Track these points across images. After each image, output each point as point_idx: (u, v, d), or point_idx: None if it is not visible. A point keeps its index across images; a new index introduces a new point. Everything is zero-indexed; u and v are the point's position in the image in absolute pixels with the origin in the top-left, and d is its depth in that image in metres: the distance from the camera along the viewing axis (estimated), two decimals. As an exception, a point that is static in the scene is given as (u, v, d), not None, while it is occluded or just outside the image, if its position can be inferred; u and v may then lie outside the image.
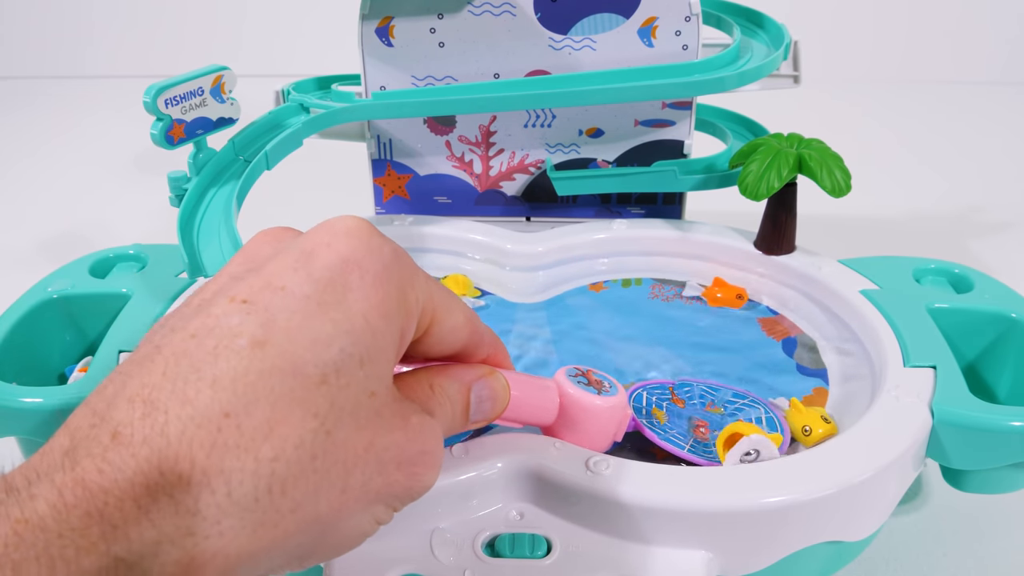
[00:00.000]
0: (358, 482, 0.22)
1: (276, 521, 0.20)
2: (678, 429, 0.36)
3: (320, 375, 0.21)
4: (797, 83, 0.52)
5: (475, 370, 0.28)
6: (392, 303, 0.23)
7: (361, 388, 0.22)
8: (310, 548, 0.22)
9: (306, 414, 0.21)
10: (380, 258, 0.23)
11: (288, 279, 0.22)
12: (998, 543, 0.40)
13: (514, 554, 0.30)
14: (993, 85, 1.13)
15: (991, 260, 0.66)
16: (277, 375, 0.20)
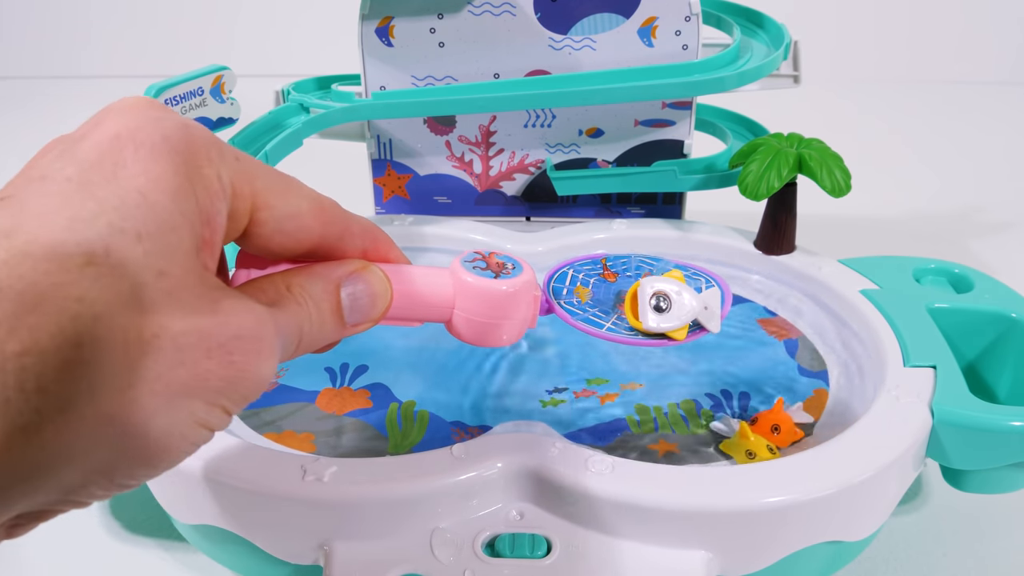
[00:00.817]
0: (152, 373, 0.19)
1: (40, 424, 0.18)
2: (601, 307, 0.31)
3: (84, 254, 0.18)
4: (797, 83, 0.52)
5: (344, 266, 0.25)
6: (179, 177, 0.20)
7: (141, 266, 0.19)
8: (110, 457, 0.19)
9: (66, 299, 0.18)
10: (159, 129, 0.21)
11: (49, 167, 0.20)
12: (998, 543, 0.40)
13: (514, 554, 0.30)
14: (993, 85, 1.13)
15: (991, 260, 0.66)
16: (27, 261, 0.18)
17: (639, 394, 0.39)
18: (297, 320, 0.23)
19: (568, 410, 0.38)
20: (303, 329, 0.23)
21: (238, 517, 0.32)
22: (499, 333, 0.28)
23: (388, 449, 0.36)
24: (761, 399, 0.39)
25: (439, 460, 0.32)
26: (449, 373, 0.41)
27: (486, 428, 0.37)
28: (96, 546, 0.40)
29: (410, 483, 0.31)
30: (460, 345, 0.43)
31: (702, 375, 0.40)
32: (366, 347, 0.43)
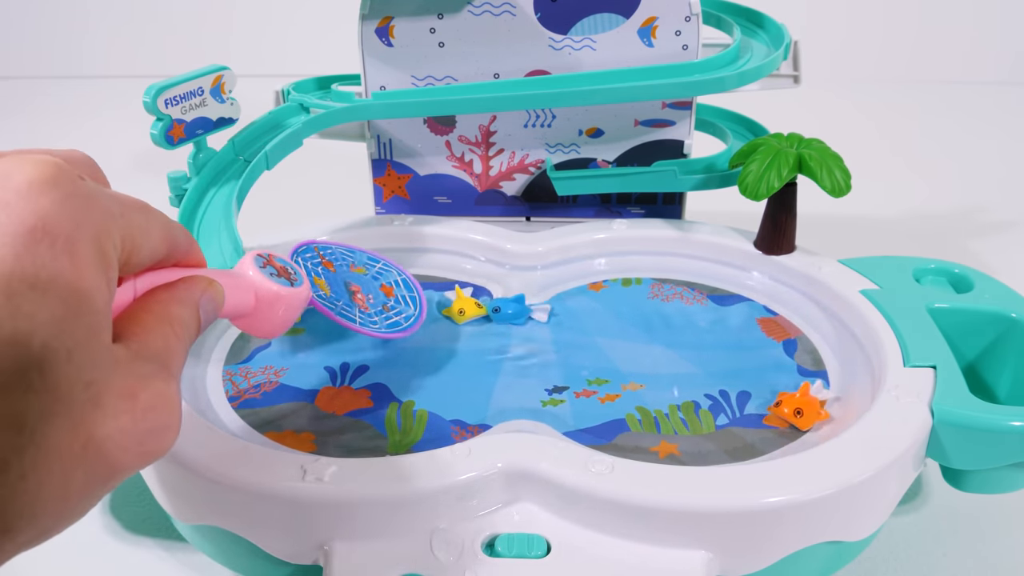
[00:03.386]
0: (80, 482, 0.20)
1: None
2: (344, 300, 0.36)
3: (21, 383, 0.18)
4: (797, 83, 0.52)
5: (198, 285, 0.27)
6: (92, 268, 0.20)
7: (72, 383, 0.19)
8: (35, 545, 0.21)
9: (10, 431, 0.18)
10: (72, 216, 0.20)
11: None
12: (998, 543, 0.40)
13: (514, 554, 0.30)
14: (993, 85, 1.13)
15: (991, 260, 0.66)
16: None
17: (640, 394, 0.39)
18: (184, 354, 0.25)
19: (568, 410, 0.38)
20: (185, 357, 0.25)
21: (238, 517, 0.32)
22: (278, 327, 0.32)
23: (388, 449, 0.36)
24: (761, 399, 0.39)
25: (439, 460, 0.32)
26: (449, 373, 0.41)
27: (486, 428, 0.37)
28: (96, 546, 0.40)
29: (410, 483, 0.31)
30: (460, 345, 0.43)
31: (702, 375, 0.40)
32: (366, 347, 0.43)
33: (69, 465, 0.19)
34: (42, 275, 0.19)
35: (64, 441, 0.19)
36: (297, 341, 0.43)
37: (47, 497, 0.19)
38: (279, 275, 0.31)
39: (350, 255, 0.38)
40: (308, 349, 0.43)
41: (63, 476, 0.19)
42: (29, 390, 0.19)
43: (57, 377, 0.19)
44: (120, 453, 0.21)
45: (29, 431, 0.19)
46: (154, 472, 0.35)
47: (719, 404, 0.38)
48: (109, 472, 0.21)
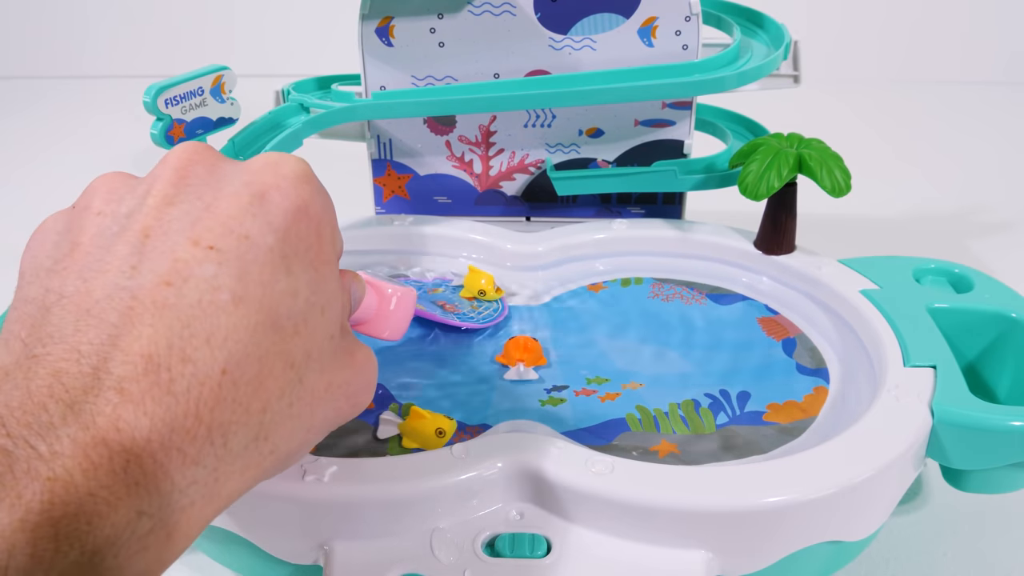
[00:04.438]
0: (320, 419, 0.24)
1: (258, 462, 0.22)
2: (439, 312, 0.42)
3: (293, 327, 0.23)
4: (797, 83, 0.52)
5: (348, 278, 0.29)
6: (333, 249, 0.25)
7: (323, 334, 0.24)
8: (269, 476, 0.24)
9: (286, 366, 0.22)
10: (323, 207, 0.25)
11: (249, 227, 0.23)
12: (998, 543, 0.40)
13: (514, 554, 0.30)
14: (994, 85, 1.13)
15: (991, 260, 0.66)
16: (260, 331, 0.22)
17: (639, 393, 0.39)
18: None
19: (568, 409, 0.38)
20: None
21: (238, 517, 0.32)
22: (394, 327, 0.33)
23: (388, 449, 0.36)
24: (761, 399, 0.39)
25: (439, 460, 0.32)
26: (449, 372, 0.41)
27: (486, 427, 0.37)
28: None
29: (410, 483, 0.31)
30: (460, 345, 0.43)
31: (702, 374, 0.40)
32: (366, 347, 0.43)
33: (317, 402, 0.24)
34: (301, 246, 0.24)
35: (316, 382, 0.24)
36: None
37: (301, 426, 0.24)
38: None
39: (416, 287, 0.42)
40: (308, 349, 0.43)
41: (311, 410, 0.24)
42: (297, 334, 0.23)
43: (315, 327, 0.24)
44: (344, 400, 0.26)
45: (297, 368, 0.23)
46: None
47: (719, 403, 0.38)
48: (336, 415, 0.26)
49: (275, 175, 0.24)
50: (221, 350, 0.21)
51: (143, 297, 0.21)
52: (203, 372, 0.20)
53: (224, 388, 0.21)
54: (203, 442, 0.20)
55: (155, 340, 0.20)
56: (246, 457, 0.22)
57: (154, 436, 0.19)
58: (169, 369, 0.20)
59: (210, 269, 0.21)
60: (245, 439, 0.21)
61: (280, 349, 0.22)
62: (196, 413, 0.20)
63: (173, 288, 0.21)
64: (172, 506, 0.20)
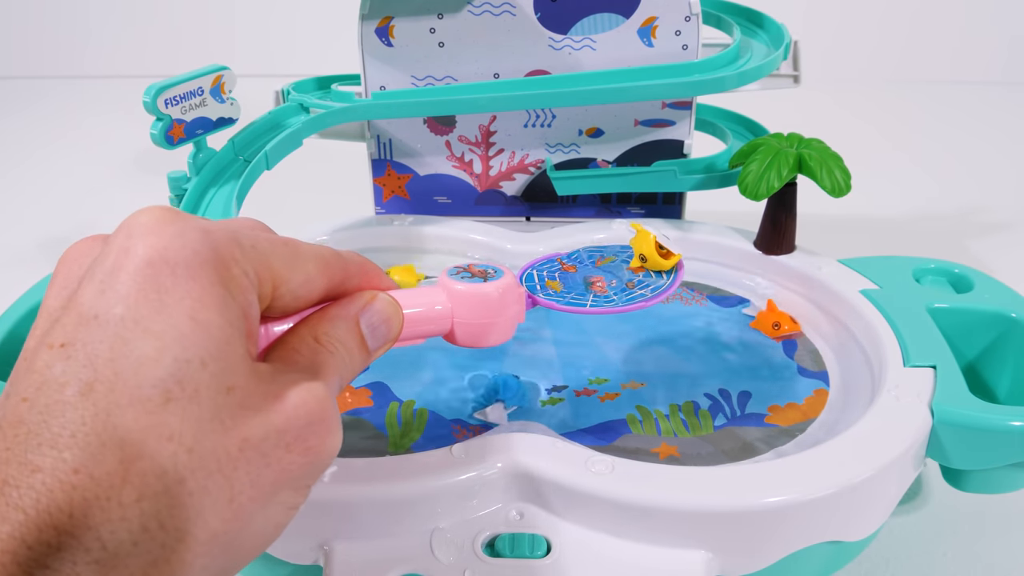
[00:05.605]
0: (246, 484, 0.21)
1: (166, 557, 0.20)
2: (576, 291, 0.35)
3: (162, 394, 0.20)
4: (797, 83, 0.52)
5: (356, 301, 0.27)
6: (217, 288, 0.22)
7: (213, 389, 0.21)
8: (220, 565, 0.21)
9: (159, 440, 0.20)
10: (185, 245, 0.21)
11: (98, 305, 0.21)
12: (998, 543, 0.40)
13: (514, 554, 0.30)
14: (994, 85, 1.13)
15: (991, 260, 0.66)
16: (116, 412, 0.19)
17: (639, 393, 0.39)
18: (336, 369, 0.25)
19: (568, 409, 0.38)
20: (342, 374, 0.25)
21: (238, 517, 0.32)
22: (495, 332, 0.31)
23: (388, 448, 0.36)
24: (761, 400, 0.39)
25: (439, 460, 0.32)
26: (449, 372, 0.41)
27: (486, 427, 0.37)
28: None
29: (410, 483, 0.31)
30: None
31: (702, 375, 0.40)
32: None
33: (228, 467, 0.21)
34: (166, 299, 0.21)
35: (217, 444, 0.21)
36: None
37: (215, 499, 0.20)
38: (474, 276, 0.31)
39: (598, 252, 0.37)
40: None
41: (223, 478, 0.21)
42: (170, 401, 0.20)
43: (196, 384, 0.20)
44: (283, 452, 0.22)
45: (178, 438, 0.20)
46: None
47: (719, 404, 0.38)
48: (278, 473, 0.22)
49: (124, 236, 0.22)
50: (69, 449, 0.19)
51: (3, 423, 0.20)
52: (52, 478, 0.19)
53: (80, 488, 0.19)
54: (72, 551, 0.18)
55: (6, 460, 0.19)
56: (142, 554, 0.19)
57: (7, 557, 0.18)
58: (18, 486, 0.19)
59: (59, 368, 0.20)
60: (129, 535, 0.19)
61: (148, 424, 0.19)
62: (52, 523, 0.18)
63: (27, 402, 0.20)
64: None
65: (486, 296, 0.30)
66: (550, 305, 0.33)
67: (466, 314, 0.30)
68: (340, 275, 0.26)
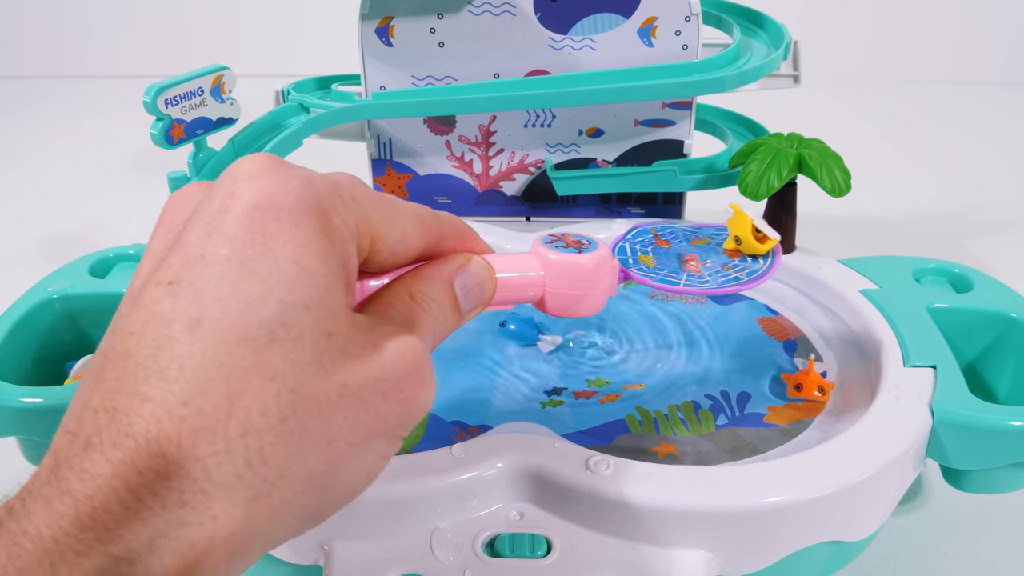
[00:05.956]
0: (343, 428, 0.21)
1: (268, 492, 0.20)
2: (669, 268, 0.34)
3: (267, 334, 0.20)
4: (797, 83, 0.52)
5: (451, 262, 0.27)
6: (319, 236, 0.22)
7: (315, 333, 0.21)
8: (317, 505, 0.22)
9: (263, 379, 0.20)
10: (290, 192, 0.22)
11: (204, 246, 0.21)
12: (999, 543, 0.40)
13: (514, 554, 0.30)
14: (994, 85, 1.13)
15: (991, 260, 0.66)
16: (223, 349, 0.20)
17: (639, 394, 0.39)
18: (430, 327, 0.25)
19: (568, 411, 0.38)
20: (435, 332, 0.26)
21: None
22: (587, 303, 0.30)
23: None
24: (761, 399, 0.39)
25: (439, 460, 0.32)
26: (449, 373, 0.41)
27: (486, 428, 0.37)
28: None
29: (410, 483, 0.31)
30: (460, 345, 0.43)
31: (702, 375, 0.40)
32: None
33: (328, 410, 0.21)
34: (271, 243, 0.21)
35: (318, 387, 0.21)
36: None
37: (313, 440, 0.21)
38: (568, 246, 0.30)
39: (694, 231, 0.36)
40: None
41: (323, 420, 0.21)
42: (274, 341, 0.20)
43: (300, 327, 0.21)
44: (380, 401, 0.22)
45: (281, 377, 0.20)
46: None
47: (719, 404, 0.38)
48: (374, 420, 0.22)
49: (230, 181, 0.22)
50: (178, 382, 0.20)
51: (112, 354, 0.21)
52: (161, 409, 0.19)
53: (187, 420, 0.19)
54: (180, 480, 0.19)
55: (116, 390, 0.20)
56: (244, 488, 0.20)
57: (118, 481, 0.19)
58: (128, 414, 0.19)
59: (166, 304, 0.21)
60: (233, 468, 0.20)
61: (252, 363, 0.20)
62: (161, 452, 0.19)
63: (134, 336, 0.21)
64: (157, 551, 0.19)
65: (580, 267, 0.30)
66: (643, 281, 0.33)
67: (559, 283, 0.30)
68: (436, 235, 0.27)
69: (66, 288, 0.44)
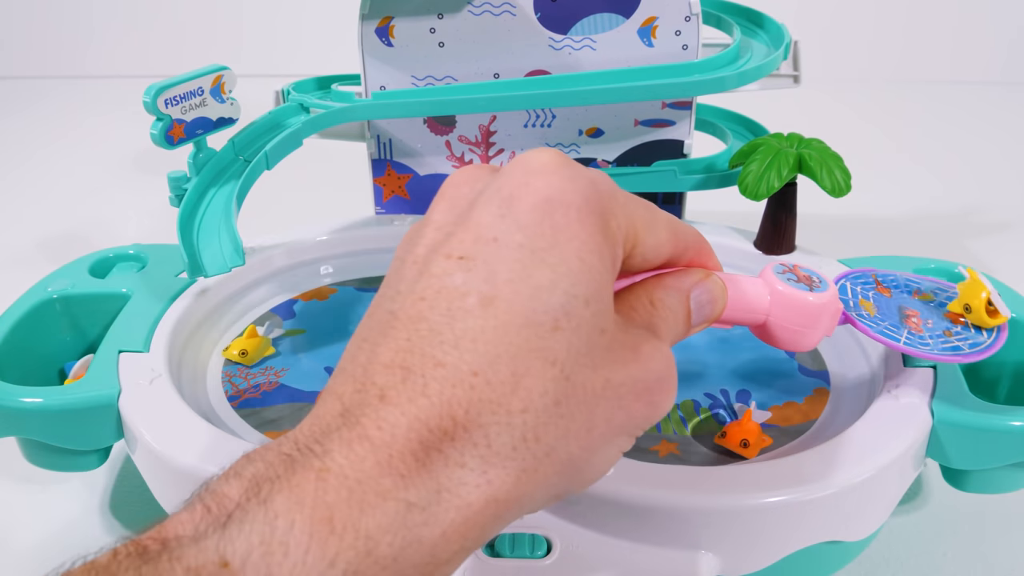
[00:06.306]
0: (602, 419, 0.23)
1: (535, 466, 0.22)
2: (890, 321, 0.34)
3: (552, 321, 0.22)
4: (797, 83, 0.52)
5: (691, 276, 0.28)
6: (599, 236, 0.23)
7: (591, 327, 0.23)
8: (566, 485, 0.23)
9: (545, 362, 0.22)
10: (578, 191, 0.23)
11: (498, 229, 0.23)
12: (999, 543, 0.40)
13: (514, 554, 0.30)
14: (993, 85, 1.13)
15: (991, 260, 0.66)
16: (512, 329, 0.21)
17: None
18: (667, 334, 0.26)
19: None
20: (669, 340, 0.27)
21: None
22: (805, 340, 0.30)
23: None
24: (761, 398, 0.39)
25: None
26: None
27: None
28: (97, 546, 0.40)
29: (410, 483, 0.31)
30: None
31: (702, 374, 0.40)
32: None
33: (592, 400, 0.22)
34: (559, 236, 0.23)
35: (587, 378, 0.22)
36: (297, 342, 0.43)
37: (577, 426, 0.22)
38: (798, 281, 0.30)
39: (915, 283, 0.36)
40: (308, 350, 0.43)
41: (588, 409, 0.22)
42: (557, 329, 0.22)
43: (579, 320, 0.22)
44: (633, 400, 0.23)
45: (560, 364, 0.22)
46: (154, 472, 0.35)
47: (719, 403, 0.38)
48: (626, 417, 0.24)
49: (522, 172, 0.24)
50: (470, 352, 0.21)
51: (402, 316, 0.22)
52: (454, 375, 0.21)
53: (476, 389, 0.21)
54: (463, 443, 0.21)
55: (409, 349, 0.22)
56: (517, 459, 0.21)
57: (412, 435, 0.20)
58: (423, 374, 0.21)
59: (459, 278, 0.22)
60: (510, 439, 0.21)
61: (536, 346, 0.22)
62: (451, 414, 0.21)
63: (426, 302, 0.22)
64: (442, 504, 0.20)
65: (807, 305, 0.30)
66: (864, 330, 0.33)
67: (783, 315, 0.30)
68: (682, 247, 0.27)
69: (66, 288, 0.44)
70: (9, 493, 0.44)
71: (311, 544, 0.19)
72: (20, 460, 0.39)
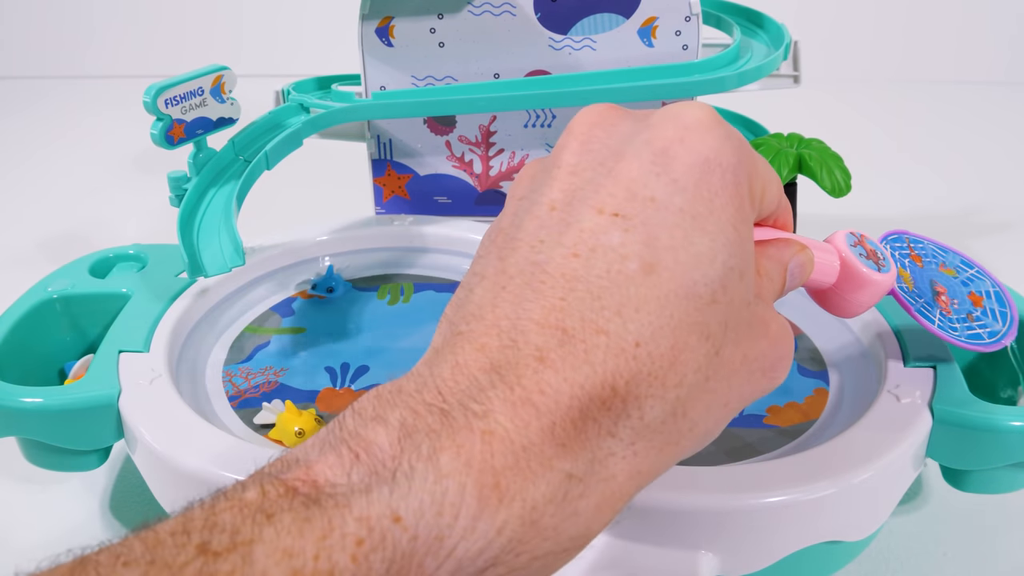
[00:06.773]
0: (736, 394, 0.22)
1: (677, 440, 0.21)
2: (926, 298, 0.34)
3: (710, 294, 0.21)
4: (797, 83, 0.52)
5: (791, 247, 0.27)
6: (747, 203, 0.22)
7: (742, 301, 0.22)
8: (686, 456, 0.23)
9: (701, 338, 0.21)
10: (732, 151, 0.22)
11: (654, 188, 0.21)
12: (998, 543, 0.40)
13: (514, 554, 0.30)
14: (994, 85, 1.13)
15: (993, 260, 0.66)
16: (673, 300, 0.21)
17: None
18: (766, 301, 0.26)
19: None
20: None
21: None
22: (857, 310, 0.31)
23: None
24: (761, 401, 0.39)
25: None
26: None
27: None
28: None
29: (410, 483, 0.31)
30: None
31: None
32: (368, 348, 0.42)
33: (732, 376, 0.22)
34: (716, 203, 0.22)
35: (731, 353, 0.22)
36: (297, 341, 0.43)
37: (717, 402, 0.22)
38: (867, 257, 0.30)
39: (942, 254, 0.36)
40: (308, 349, 0.43)
41: (728, 384, 0.22)
42: (714, 302, 0.21)
43: (733, 293, 0.22)
44: (759, 375, 0.23)
45: (713, 339, 0.21)
46: (154, 472, 0.35)
47: (719, 404, 0.38)
48: (752, 391, 0.23)
49: (676, 126, 0.22)
50: (633, 322, 0.20)
51: (552, 270, 0.21)
52: (616, 344, 0.20)
53: (638, 361, 0.20)
54: (619, 414, 0.20)
55: (568, 312, 0.20)
56: (664, 433, 0.21)
57: (574, 403, 0.20)
58: (584, 340, 0.20)
59: (616, 237, 0.21)
60: (662, 414, 0.21)
61: (695, 320, 0.21)
62: (612, 384, 0.20)
63: (580, 259, 0.21)
64: (596, 475, 0.20)
65: (874, 284, 0.30)
66: (906, 307, 0.33)
67: (846, 287, 0.30)
68: (780, 205, 0.27)
69: (66, 288, 0.44)
70: (9, 493, 0.44)
71: (482, 511, 0.18)
72: (20, 460, 0.39)
